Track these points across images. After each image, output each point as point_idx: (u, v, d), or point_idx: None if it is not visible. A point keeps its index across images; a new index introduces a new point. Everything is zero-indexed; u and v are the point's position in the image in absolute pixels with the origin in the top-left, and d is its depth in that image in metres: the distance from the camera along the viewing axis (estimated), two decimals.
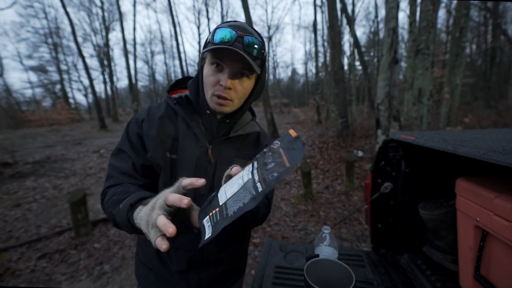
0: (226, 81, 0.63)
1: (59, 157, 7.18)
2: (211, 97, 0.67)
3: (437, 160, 1.17)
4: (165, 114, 0.73)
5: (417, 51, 4.59)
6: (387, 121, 4.30)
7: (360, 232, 2.84)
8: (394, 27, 4.09)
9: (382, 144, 1.25)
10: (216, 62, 0.64)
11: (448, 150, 0.78)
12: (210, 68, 0.65)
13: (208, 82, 0.66)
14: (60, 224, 3.20)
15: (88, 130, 13.45)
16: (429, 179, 1.21)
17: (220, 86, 0.64)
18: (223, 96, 0.65)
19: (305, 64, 33.38)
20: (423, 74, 4.55)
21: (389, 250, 1.30)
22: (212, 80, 0.65)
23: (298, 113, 16.49)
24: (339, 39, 7.64)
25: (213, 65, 0.64)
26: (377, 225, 1.34)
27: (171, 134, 0.70)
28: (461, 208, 0.87)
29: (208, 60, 0.66)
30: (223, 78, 0.63)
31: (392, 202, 1.27)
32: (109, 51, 18.83)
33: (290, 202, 3.72)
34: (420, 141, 0.95)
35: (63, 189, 4.57)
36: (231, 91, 0.65)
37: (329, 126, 10.89)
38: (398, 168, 1.23)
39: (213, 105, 0.67)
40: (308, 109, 19.97)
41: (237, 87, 0.66)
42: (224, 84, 0.63)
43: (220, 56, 0.62)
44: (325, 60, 13.66)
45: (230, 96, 0.66)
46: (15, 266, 2.37)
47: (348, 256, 1.29)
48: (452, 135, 1.00)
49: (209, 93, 0.67)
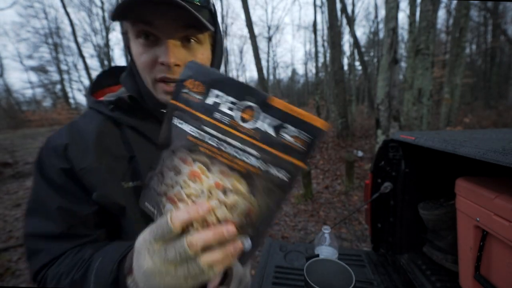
0: (168, 55, 0.42)
1: None
2: (154, 85, 0.46)
3: (437, 160, 1.17)
4: (103, 129, 0.48)
5: (417, 51, 4.59)
6: (387, 121, 4.30)
7: (360, 232, 2.84)
8: (394, 27, 4.09)
9: (382, 144, 1.25)
10: (143, 31, 0.42)
11: (448, 150, 0.78)
12: (138, 43, 0.43)
13: (142, 65, 0.45)
14: None
15: None
16: (429, 179, 1.21)
17: (162, 66, 0.43)
18: (173, 79, 0.44)
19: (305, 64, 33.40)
20: (423, 74, 4.55)
21: (389, 250, 1.30)
22: (146, 60, 0.44)
23: None
24: (339, 39, 7.65)
25: (141, 38, 0.43)
26: (377, 225, 1.34)
27: (122, 154, 0.48)
28: (461, 208, 0.87)
29: (131, 32, 0.44)
30: (161, 52, 0.43)
31: (392, 202, 1.27)
32: (109, 51, 18.84)
33: (290, 202, 3.71)
34: (420, 141, 0.95)
35: None
36: (181, 69, 0.44)
37: (329, 126, 10.84)
38: (398, 168, 1.22)
39: (162, 97, 0.46)
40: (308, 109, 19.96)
41: (189, 60, 0.42)
42: (165, 60, 0.42)
43: (144, 18, 0.40)
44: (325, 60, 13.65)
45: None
46: (15, 266, 2.37)
47: (348, 256, 1.28)
48: (452, 135, 1.00)
49: (150, 81, 0.46)
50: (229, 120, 0.28)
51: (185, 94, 0.30)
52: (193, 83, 0.30)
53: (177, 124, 0.31)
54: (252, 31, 8.44)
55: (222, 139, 0.28)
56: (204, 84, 0.29)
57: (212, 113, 0.28)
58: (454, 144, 0.78)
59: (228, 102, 0.28)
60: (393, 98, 4.32)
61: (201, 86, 0.29)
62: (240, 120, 0.27)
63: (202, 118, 0.29)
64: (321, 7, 15.07)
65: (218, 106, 0.28)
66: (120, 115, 0.49)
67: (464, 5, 6.37)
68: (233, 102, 0.27)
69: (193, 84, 0.30)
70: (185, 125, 0.30)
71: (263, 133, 0.27)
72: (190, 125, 0.29)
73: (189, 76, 0.30)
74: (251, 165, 0.27)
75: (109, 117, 0.49)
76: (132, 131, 0.49)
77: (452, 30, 7.37)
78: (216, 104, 0.28)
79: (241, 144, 0.27)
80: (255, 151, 0.27)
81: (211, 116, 0.28)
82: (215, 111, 0.28)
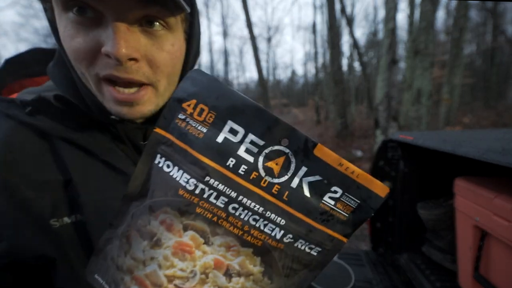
0: (117, 43, 0.26)
1: None
2: (97, 87, 0.31)
3: (436, 160, 1.17)
4: (16, 145, 0.31)
5: (416, 51, 4.60)
6: (386, 121, 4.30)
7: (359, 231, 2.84)
8: (393, 28, 4.10)
9: (381, 144, 1.25)
10: (75, 1, 0.26)
11: (447, 151, 0.78)
12: (67, 20, 0.27)
13: (74, 54, 0.29)
14: None
15: None
16: (428, 179, 1.21)
17: (107, 58, 0.28)
18: (124, 79, 0.29)
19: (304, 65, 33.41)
20: (423, 75, 4.56)
21: (388, 250, 1.30)
22: (82, 46, 0.28)
23: (298, 114, 16.50)
24: (338, 40, 7.66)
25: (71, 11, 0.27)
26: (376, 225, 1.34)
27: (50, 178, 0.31)
28: (460, 208, 0.87)
29: (56, 4, 0.27)
30: (106, 37, 0.27)
31: (391, 201, 1.27)
32: None
33: None
34: (419, 141, 0.95)
35: None
36: (140, 65, 0.29)
37: (329, 126, 10.89)
38: (397, 168, 1.22)
39: (112, 108, 0.31)
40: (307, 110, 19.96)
41: (152, 53, 0.30)
42: (112, 50, 0.26)
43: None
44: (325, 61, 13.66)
45: (144, 76, 0.30)
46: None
47: (347, 255, 1.28)
48: (451, 135, 1.00)
49: (90, 80, 0.30)
50: (249, 171, 0.19)
51: (181, 122, 0.20)
52: (197, 107, 0.19)
53: (163, 168, 0.20)
54: (252, 31, 8.45)
55: (234, 198, 0.19)
56: (216, 111, 0.19)
57: (223, 158, 0.19)
58: (453, 144, 0.78)
59: (249, 143, 0.19)
60: (392, 98, 4.33)
61: (210, 113, 0.19)
62: (264, 171, 0.19)
63: (207, 164, 0.19)
64: (321, 8, 15.10)
65: (233, 148, 0.19)
66: (45, 121, 0.32)
67: (464, 5, 6.38)
68: (258, 145, 0.19)
69: (197, 109, 0.19)
70: (176, 170, 0.19)
71: (296, 194, 0.19)
72: (184, 171, 0.19)
73: (191, 94, 0.19)
74: (272, 237, 0.19)
75: (27, 124, 0.32)
76: (66, 144, 0.32)
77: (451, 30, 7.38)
78: (231, 144, 0.19)
79: (262, 207, 0.19)
80: (280, 218, 0.19)
81: (221, 163, 0.19)
82: (228, 156, 0.19)
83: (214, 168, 0.19)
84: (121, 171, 0.34)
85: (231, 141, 0.19)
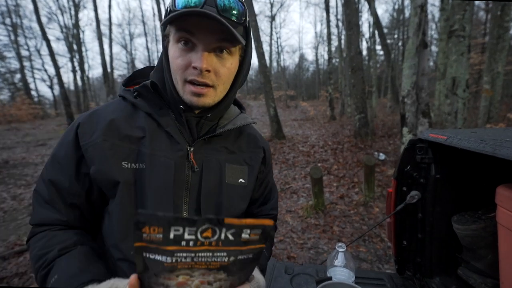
0: (202, 61, 0.57)
1: (19, 161, 7.18)
2: (183, 86, 0.61)
3: (475, 164, 1.17)
4: (120, 113, 0.66)
5: (450, 32, 4.61)
6: (415, 117, 4.31)
7: (382, 251, 2.85)
8: (422, 4, 4.10)
9: (408, 145, 1.25)
10: (183, 38, 0.57)
11: (486, 152, 0.79)
12: (177, 47, 0.59)
13: (176, 66, 0.60)
14: (21, 242, 3.20)
15: (54, 129, 13.48)
16: (465, 187, 1.21)
17: (194, 70, 0.58)
18: (201, 82, 0.59)
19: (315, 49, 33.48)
20: (458, 61, 4.56)
21: (416, 273, 1.31)
22: (181, 62, 0.59)
23: (307, 108, 16.53)
24: (356, 19, 7.66)
25: (180, 42, 0.58)
26: (402, 243, 1.34)
27: (130, 135, 0.64)
28: (503, 221, 0.87)
29: (172, 37, 0.60)
30: (196, 58, 0.57)
31: (420, 214, 1.27)
32: (79, 33, 18.93)
33: (297, 215, 3.72)
34: (454, 141, 0.96)
35: (24, 200, 4.57)
36: (210, 74, 0.59)
37: (345, 123, 10.91)
38: (427, 173, 1.23)
39: (188, 98, 0.61)
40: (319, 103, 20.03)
41: (218, 68, 0.60)
42: (198, 65, 0.56)
43: (187, 28, 0.56)
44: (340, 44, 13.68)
45: (211, 81, 0.60)
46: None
47: (367, 279, 1.29)
48: (492, 134, 1.01)
49: (180, 81, 0.61)
50: (195, 241, 0.38)
51: (146, 237, 0.37)
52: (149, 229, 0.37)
53: (150, 257, 0.39)
54: (251, 8, 8.47)
55: (194, 255, 0.40)
56: (161, 226, 0.37)
57: (178, 243, 0.38)
58: (493, 145, 0.78)
59: (187, 232, 0.38)
60: (422, 89, 4.33)
61: (158, 228, 0.37)
62: (203, 238, 0.38)
63: (171, 249, 0.38)
64: None
65: (180, 237, 0.38)
66: (141, 102, 0.66)
67: None
68: (192, 231, 0.38)
69: (150, 229, 0.37)
70: (157, 256, 0.39)
71: (225, 239, 0.39)
72: (162, 255, 0.39)
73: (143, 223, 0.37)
74: (222, 261, 0.41)
75: (130, 103, 0.67)
76: (147, 117, 0.66)
77: (492, 7, 7.39)
78: (178, 236, 0.38)
79: (210, 253, 0.40)
80: (222, 252, 0.40)
81: (178, 245, 0.38)
82: (180, 240, 0.38)
83: (176, 249, 0.39)
84: (176, 141, 0.65)
85: (177, 234, 0.38)
